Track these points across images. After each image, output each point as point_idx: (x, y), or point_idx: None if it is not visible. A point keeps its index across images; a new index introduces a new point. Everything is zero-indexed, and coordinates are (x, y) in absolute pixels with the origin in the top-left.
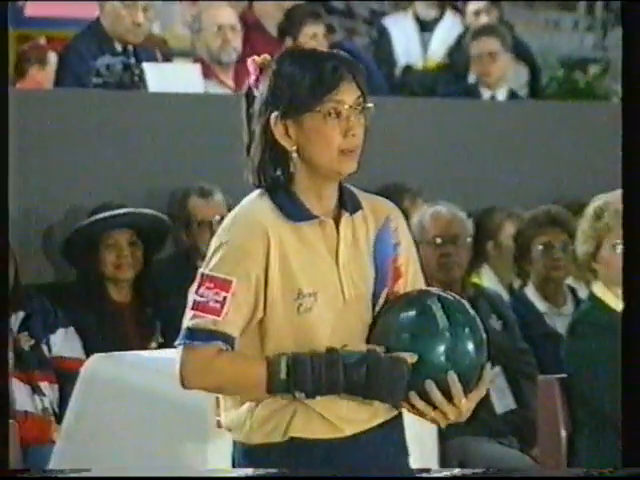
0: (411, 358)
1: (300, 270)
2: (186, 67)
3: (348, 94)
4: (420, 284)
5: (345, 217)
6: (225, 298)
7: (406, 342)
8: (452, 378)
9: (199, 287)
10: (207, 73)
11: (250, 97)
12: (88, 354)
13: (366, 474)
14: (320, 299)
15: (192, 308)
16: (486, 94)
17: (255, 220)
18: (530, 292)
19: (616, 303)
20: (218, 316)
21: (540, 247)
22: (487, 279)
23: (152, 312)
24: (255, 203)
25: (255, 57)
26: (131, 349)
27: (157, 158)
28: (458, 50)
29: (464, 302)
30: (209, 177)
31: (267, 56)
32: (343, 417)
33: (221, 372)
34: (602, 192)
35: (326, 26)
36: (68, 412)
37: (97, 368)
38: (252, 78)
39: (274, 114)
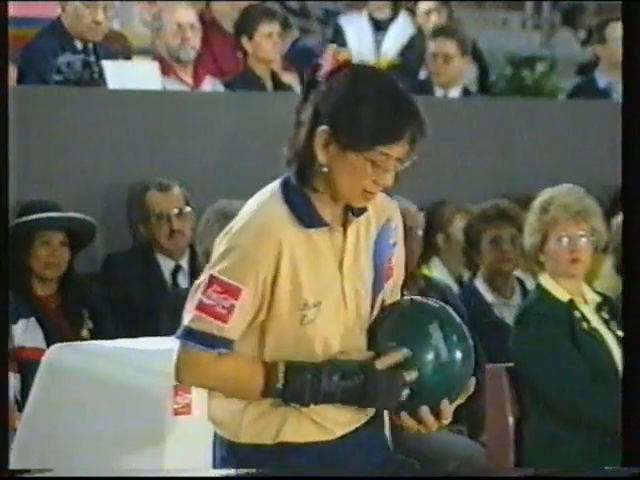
0: (409, 375)
1: (307, 280)
2: (145, 65)
3: (401, 150)
4: (400, 284)
5: (352, 222)
6: (233, 306)
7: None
8: (445, 405)
9: (207, 289)
10: (166, 70)
11: (312, 84)
12: None
13: (356, 474)
14: (323, 308)
15: (197, 308)
16: (439, 92)
17: (269, 226)
18: (479, 284)
19: (562, 294)
20: (225, 323)
21: (489, 240)
22: (437, 271)
23: (78, 301)
24: (269, 206)
25: (337, 50)
26: (63, 338)
27: (116, 153)
28: (410, 50)
29: (456, 317)
30: (167, 172)
31: (348, 55)
32: (333, 419)
33: (219, 376)
34: (549, 186)
35: (281, 24)
36: (29, 401)
37: (58, 358)
38: (325, 69)
39: (323, 127)
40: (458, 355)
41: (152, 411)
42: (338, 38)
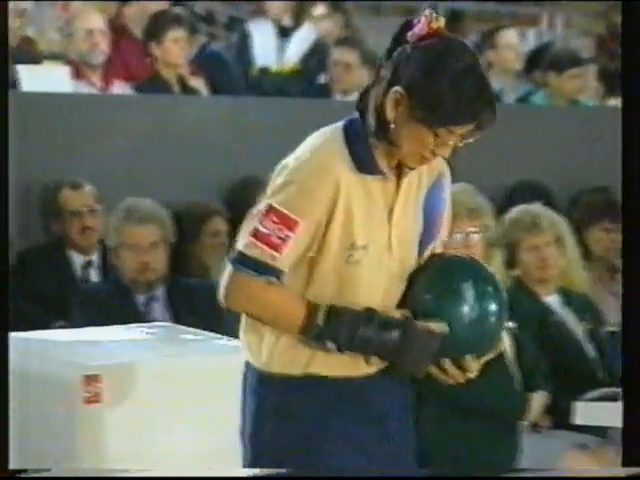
0: (441, 328)
1: (359, 223)
2: (57, 68)
3: (466, 130)
4: (444, 240)
5: (406, 174)
6: (288, 237)
7: (434, 313)
8: (468, 360)
9: (264, 217)
10: (77, 74)
11: (399, 42)
12: None
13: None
14: (370, 252)
15: (252, 235)
16: (338, 97)
17: (329, 166)
18: None
19: None
20: (279, 253)
21: None
22: None
23: None
24: (330, 146)
25: (433, 17)
26: None
27: (30, 153)
28: (312, 56)
29: (492, 274)
30: (79, 171)
31: (441, 24)
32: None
33: (265, 304)
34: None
35: (188, 30)
36: None
37: None
38: (415, 32)
39: (397, 88)
40: (492, 310)
41: (63, 400)
42: (244, 43)
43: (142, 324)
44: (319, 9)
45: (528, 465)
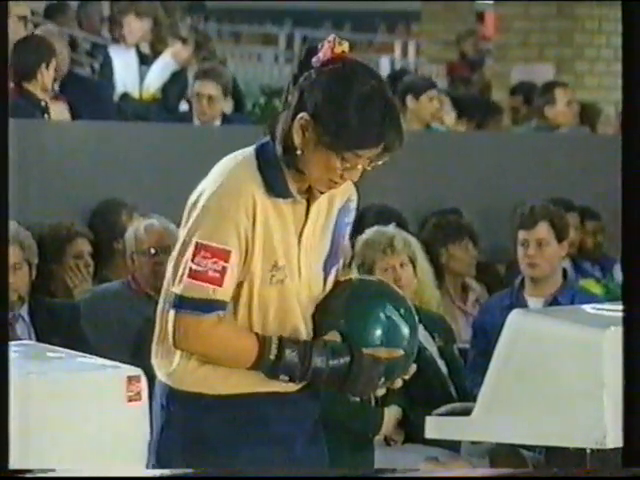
0: (389, 354)
1: (277, 243)
2: None
3: (373, 153)
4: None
5: (316, 197)
6: (224, 268)
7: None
8: (413, 368)
9: (195, 256)
10: None
11: (304, 67)
12: None
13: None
14: (287, 272)
15: (188, 276)
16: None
17: (244, 189)
18: None
19: None
20: (219, 286)
21: None
22: None
23: None
24: (243, 171)
25: (336, 41)
26: None
27: None
28: (172, 85)
29: (402, 295)
30: None
31: (345, 48)
32: None
33: (216, 342)
34: None
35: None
36: None
37: None
38: (319, 57)
39: (303, 114)
40: (405, 331)
41: None
42: (106, 69)
43: None
44: (178, 44)
45: None
